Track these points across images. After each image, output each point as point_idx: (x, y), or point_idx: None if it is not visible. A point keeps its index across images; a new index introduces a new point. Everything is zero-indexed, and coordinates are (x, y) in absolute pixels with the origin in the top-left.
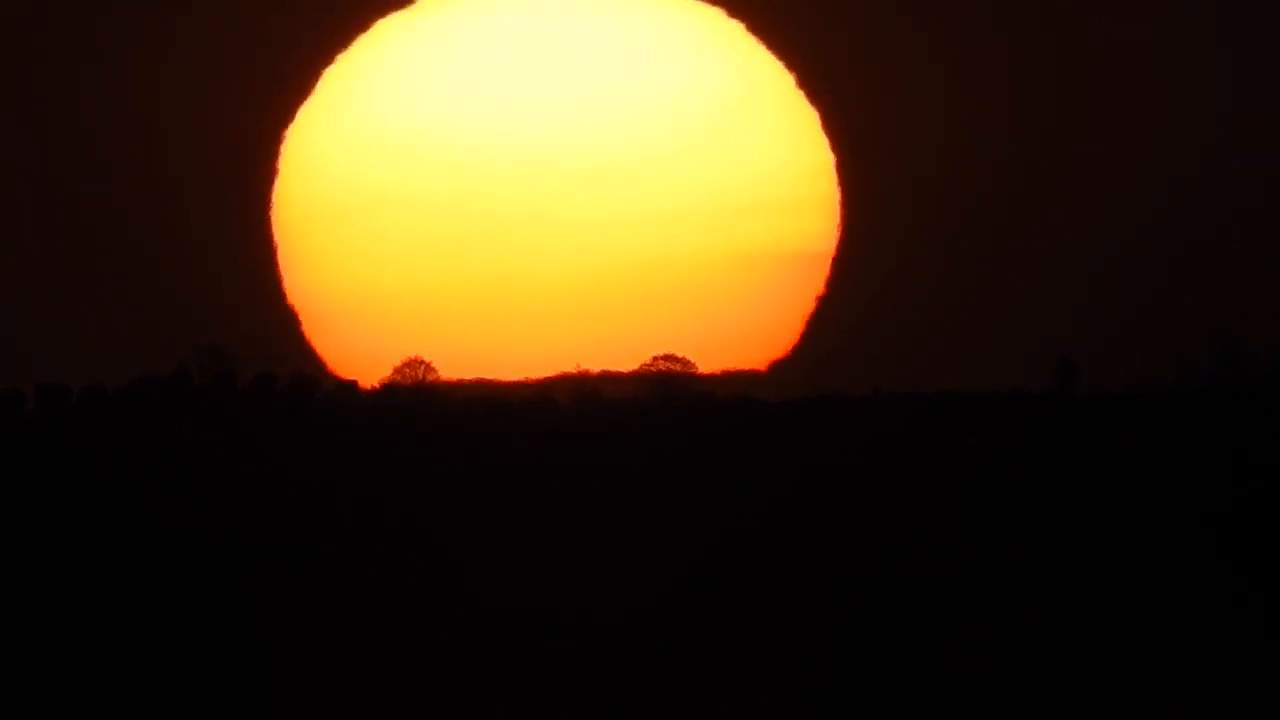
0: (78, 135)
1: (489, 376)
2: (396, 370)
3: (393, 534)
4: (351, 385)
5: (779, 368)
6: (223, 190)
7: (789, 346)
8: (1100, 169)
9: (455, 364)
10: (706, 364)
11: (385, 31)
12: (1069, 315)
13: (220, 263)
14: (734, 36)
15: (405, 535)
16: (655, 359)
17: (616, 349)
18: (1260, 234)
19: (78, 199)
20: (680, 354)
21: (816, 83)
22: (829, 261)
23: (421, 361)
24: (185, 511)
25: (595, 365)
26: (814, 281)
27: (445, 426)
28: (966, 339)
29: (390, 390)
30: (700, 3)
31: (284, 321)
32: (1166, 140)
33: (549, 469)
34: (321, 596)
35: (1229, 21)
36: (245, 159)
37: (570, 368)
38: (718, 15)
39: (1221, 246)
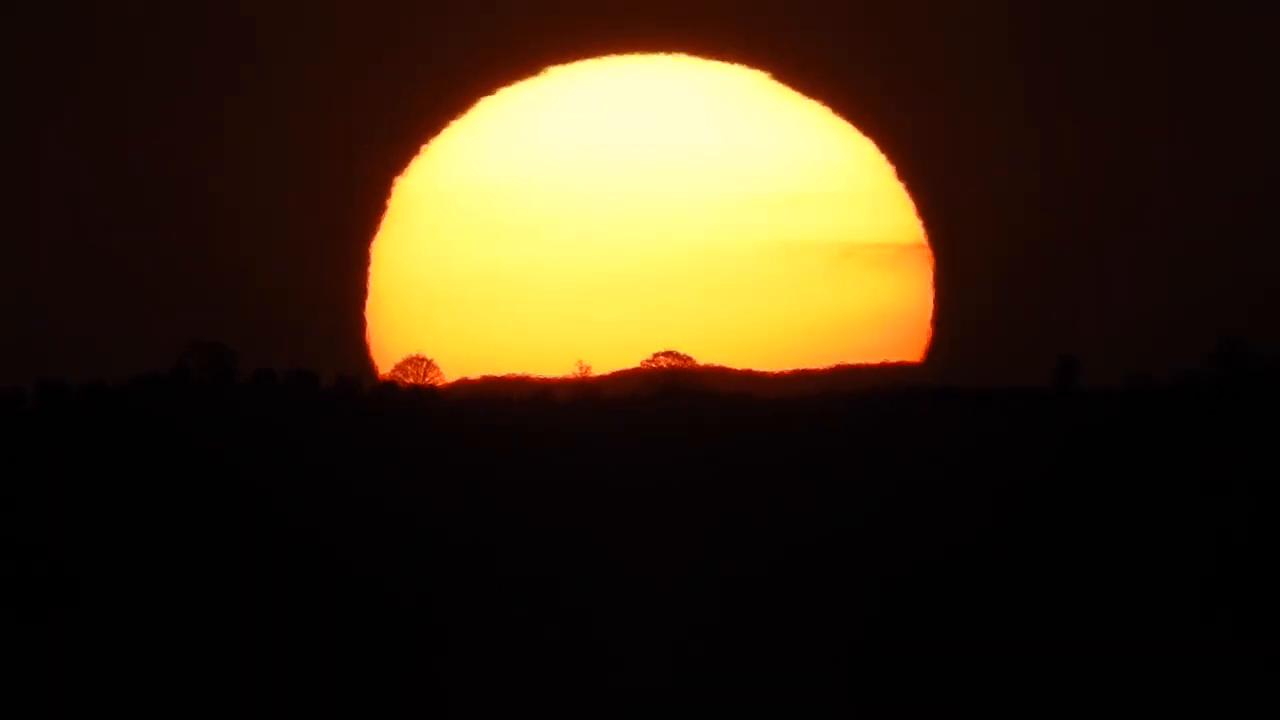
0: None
1: (493, 373)
2: (398, 367)
3: (400, 529)
4: (352, 381)
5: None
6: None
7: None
8: (1100, 169)
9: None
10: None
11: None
12: (1070, 314)
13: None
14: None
15: (412, 533)
16: (657, 356)
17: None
18: (1260, 234)
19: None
20: (682, 351)
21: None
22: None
23: (423, 359)
24: (183, 507)
25: (600, 362)
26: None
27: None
28: (970, 336)
29: (390, 387)
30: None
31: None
32: (1167, 142)
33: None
34: (320, 593)
35: (1229, 26)
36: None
37: (575, 365)
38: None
39: (1221, 246)
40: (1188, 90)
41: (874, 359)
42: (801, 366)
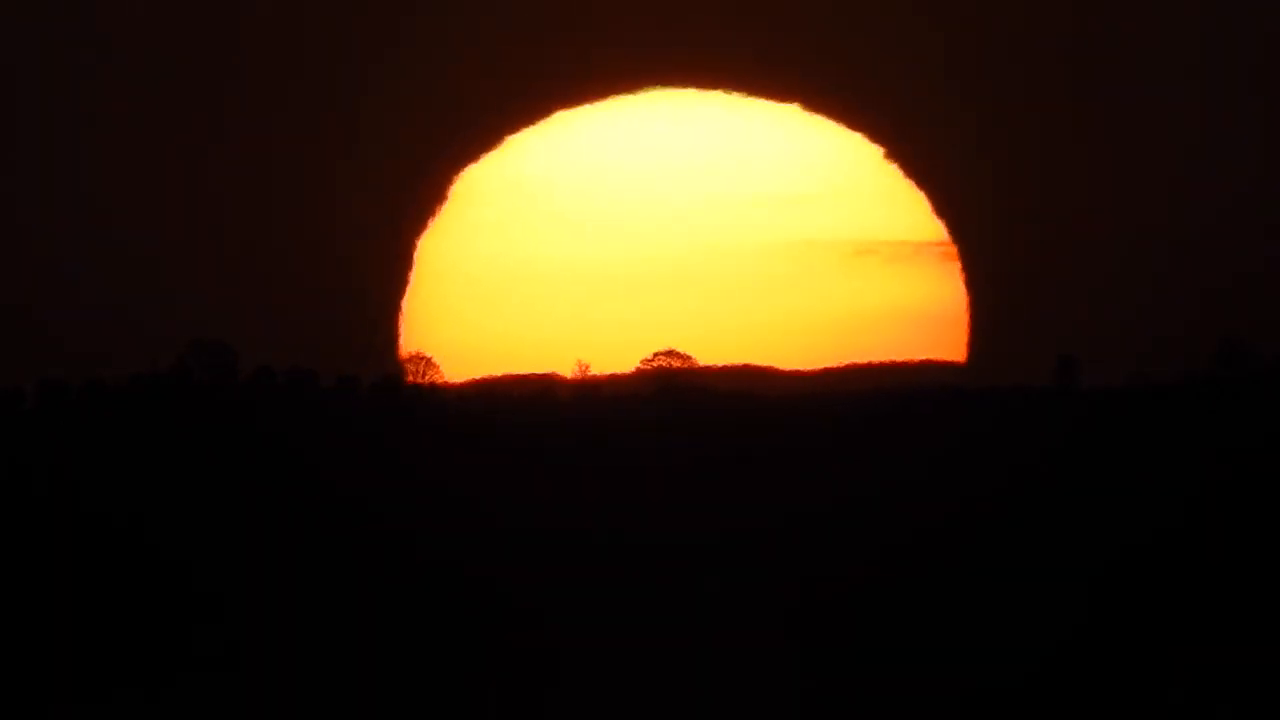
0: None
1: (492, 372)
2: (397, 367)
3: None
4: (351, 379)
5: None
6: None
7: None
8: (1098, 170)
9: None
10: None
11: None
12: (1070, 314)
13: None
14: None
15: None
16: (656, 355)
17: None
18: (1260, 234)
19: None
20: (681, 350)
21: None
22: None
23: (423, 357)
24: (183, 507)
25: (600, 362)
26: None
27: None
28: (977, 335)
29: (390, 384)
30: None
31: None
32: (1166, 141)
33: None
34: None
35: (1232, 25)
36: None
37: (574, 365)
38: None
39: (1221, 246)
40: (1187, 89)
41: (893, 357)
42: (814, 366)
